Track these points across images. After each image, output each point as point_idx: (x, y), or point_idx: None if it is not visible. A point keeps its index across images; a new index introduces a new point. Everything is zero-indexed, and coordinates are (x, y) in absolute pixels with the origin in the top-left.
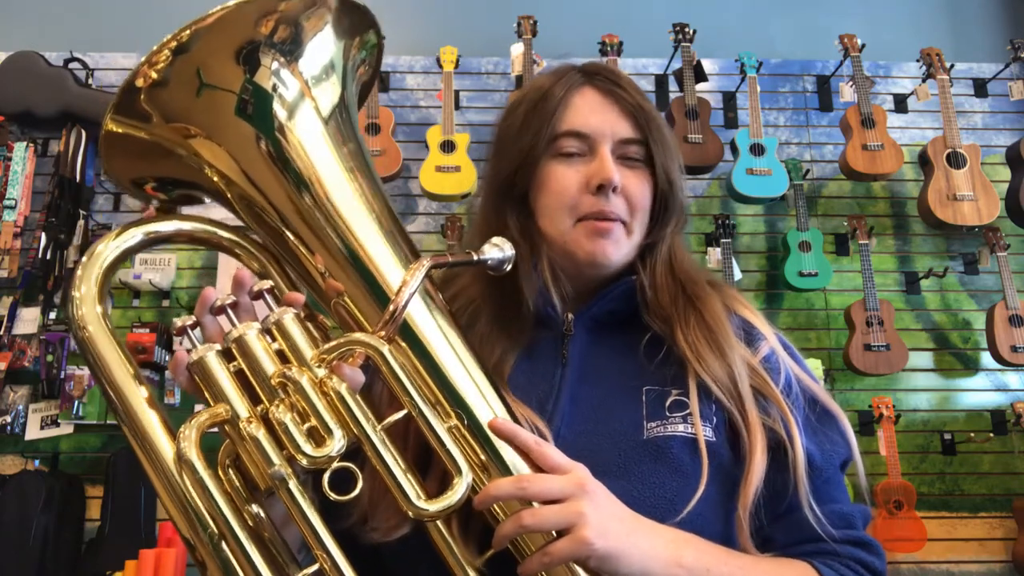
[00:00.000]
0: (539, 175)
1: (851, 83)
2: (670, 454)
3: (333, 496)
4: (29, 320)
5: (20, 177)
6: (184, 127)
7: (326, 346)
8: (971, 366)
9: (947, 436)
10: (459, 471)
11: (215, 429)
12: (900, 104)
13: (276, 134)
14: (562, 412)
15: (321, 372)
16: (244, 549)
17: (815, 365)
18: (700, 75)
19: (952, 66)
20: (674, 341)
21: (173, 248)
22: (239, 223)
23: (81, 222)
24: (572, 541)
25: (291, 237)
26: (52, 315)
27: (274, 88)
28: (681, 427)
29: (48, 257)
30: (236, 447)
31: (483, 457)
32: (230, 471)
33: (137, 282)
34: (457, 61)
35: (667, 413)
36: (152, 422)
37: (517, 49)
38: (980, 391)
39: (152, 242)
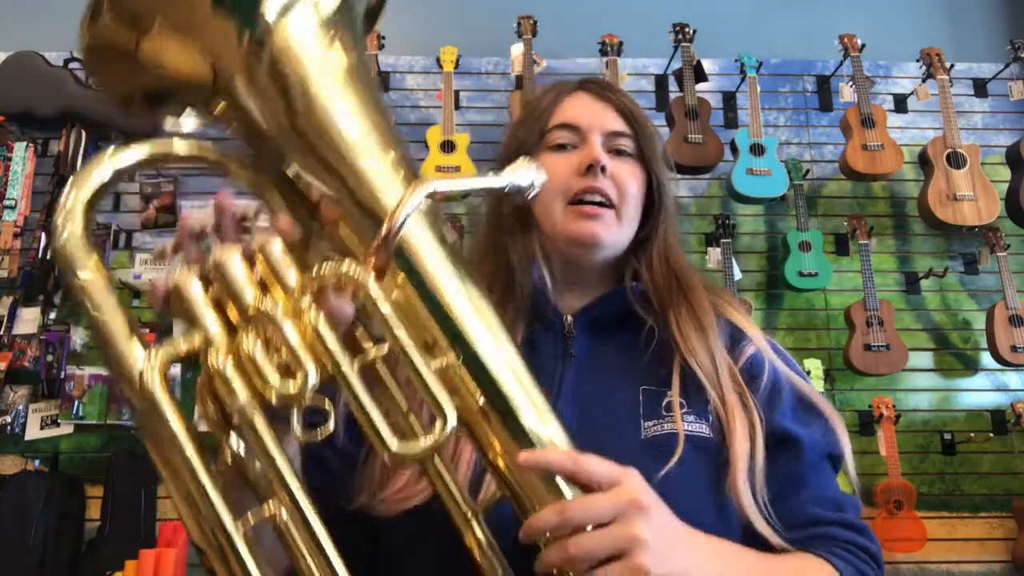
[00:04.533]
0: None
1: (851, 83)
2: (669, 451)
3: (299, 436)
4: (29, 320)
5: (20, 177)
6: (159, 24)
7: (306, 276)
8: (971, 366)
9: (947, 436)
10: (443, 416)
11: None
12: (900, 104)
13: (263, 34)
14: (563, 407)
15: (305, 302)
16: (208, 496)
17: (815, 365)
18: (700, 75)
19: (952, 66)
20: (665, 326)
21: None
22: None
23: None
24: (627, 569)
25: (285, 155)
26: (52, 315)
27: None
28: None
29: (48, 257)
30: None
31: (482, 402)
32: (208, 403)
33: (137, 282)
34: (457, 61)
35: (663, 412)
36: (130, 346)
37: (517, 49)
38: (980, 391)
39: (148, 162)
